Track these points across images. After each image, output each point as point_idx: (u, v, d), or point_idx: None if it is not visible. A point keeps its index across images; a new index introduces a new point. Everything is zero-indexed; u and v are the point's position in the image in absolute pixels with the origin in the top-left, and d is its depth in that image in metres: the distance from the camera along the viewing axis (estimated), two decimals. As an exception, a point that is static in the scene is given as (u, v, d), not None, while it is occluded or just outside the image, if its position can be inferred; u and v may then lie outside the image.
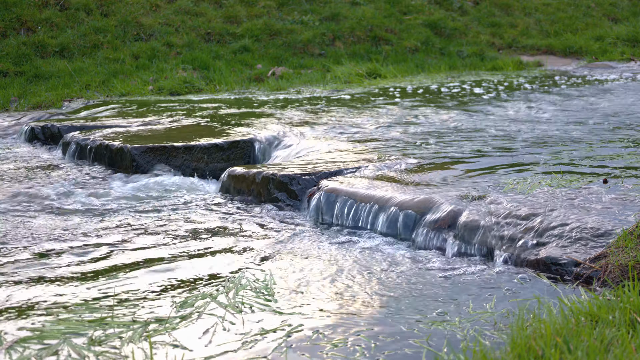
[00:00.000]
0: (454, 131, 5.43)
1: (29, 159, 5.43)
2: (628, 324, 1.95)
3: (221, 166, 4.83)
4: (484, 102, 7.15)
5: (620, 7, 14.37)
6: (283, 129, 5.38)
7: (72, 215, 3.85)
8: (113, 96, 8.34)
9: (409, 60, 10.82)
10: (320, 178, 3.95)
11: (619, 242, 2.61)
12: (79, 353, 2.11)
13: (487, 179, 3.70)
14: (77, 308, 2.47)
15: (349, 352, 2.12)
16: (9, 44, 9.44)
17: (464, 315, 2.35)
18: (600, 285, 2.48)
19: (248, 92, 8.53)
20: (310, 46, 10.85)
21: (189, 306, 2.48)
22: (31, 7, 10.14)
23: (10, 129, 6.67)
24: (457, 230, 3.08)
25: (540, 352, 1.78)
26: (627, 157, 4.06)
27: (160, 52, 9.91)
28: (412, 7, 12.67)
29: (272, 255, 3.09)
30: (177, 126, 5.82)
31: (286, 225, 3.59)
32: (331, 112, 6.51)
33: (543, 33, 12.90)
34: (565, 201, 3.16)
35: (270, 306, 2.48)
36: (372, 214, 3.43)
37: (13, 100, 8.11)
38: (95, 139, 5.25)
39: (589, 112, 6.32)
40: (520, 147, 4.62)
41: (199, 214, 3.85)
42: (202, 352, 2.14)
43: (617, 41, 12.43)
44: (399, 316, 2.38)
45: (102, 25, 10.20)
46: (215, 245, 3.27)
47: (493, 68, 10.75)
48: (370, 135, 5.29)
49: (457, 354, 1.97)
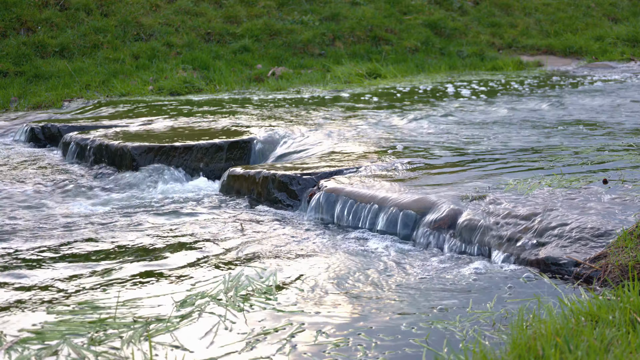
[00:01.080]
0: (455, 131, 5.43)
1: (28, 159, 5.43)
2: (628, 324, 1.95)
3: (221, 166, 4.83)
4: (481, 103, 7.15)
5: (620, 7, 14.37)
6: (283, 129, 5.38)
7: (72, 215, 3.86)
8: (113, 96, 8.33)
9: (409, 60, 10.82)
10: (320, 178, 3.95)
11: (619, 242, 2.61)
12: (79, 353, 2.11)
13: (487, 178, 3.70)
14: (77, 307, 2.47)
15: (351, 351, 2.12)
16: (9, 44, 9.44)
17: (464, 314, 2.35)
18: (600, 285, 2.48)
19: (248, 92, 8.53)
20: (310, 46, 10.85)
21: (189, 305, 2.48)
22: (31, 7, 10.14)
23: (10, 128, 6.67)
24: (457, 230, 3.08)
25: (541, 352, 1.78)
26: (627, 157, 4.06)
27: (160, 52, 9.91)
28: (412, 7, 12.67)
29: (272, 255, 3.09)
30: (177, 126, 5.82)
31: (286, 225, 3.59)
32: (331, 112, 6.51)
33: (543, 33, 12.90)
34: (565, 201, 3.16)
35: (270, 305, 2.48)
36: (372, 214, 3.43)
37: (13, 100, 8.10)
38: (95, 138, 5.25)
39: (589, 111, 6.33)
40: (519, 148, 4.63)
41: (199, 214, 3.85)
42: (203, 353, 2.14)
43: (617, 41, 12.43)
44: (399, 315, 2.38)
45: (102, 25, 10.20)
46: (215, 244, 3.27)
47: (493, 68, 10.75)
48: (370, 135, 5.29)
49: (457, 354, 1.97)
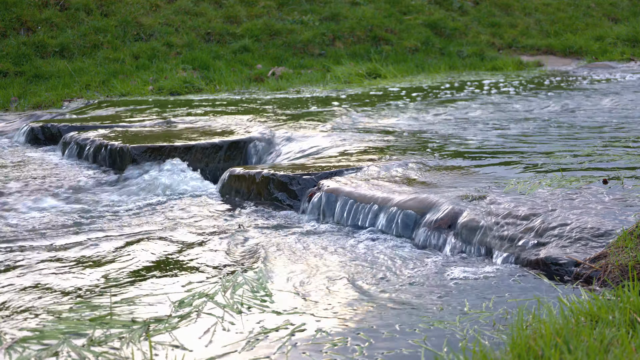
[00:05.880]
0: (456, 132, 5.43)
1: (28, 159, 5.42)
2: (628, 324, 1.94)
3: (221, 166, 4.83)
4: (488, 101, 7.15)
5: (620, 7, 14.36)
6: (283, 129, 5.38)
7: (72, 214, 3.85)
8: (113, 96, 8.34)
9: (409, 60, 10.82)
10: (320, 178, 3.95)
11: (619, 242, 2.61)
12: (79, 354, 2.11)
13: (487, 178, 3.70)
14: (77, 307, 2.47)
15: (349, 351, 2.12)
16: (9, 44, 9.44)
17: (463, 314, 2.35)
18: (600, 285, 2.48)
19: (248, 92, 8.53)
20: (310, 46, 10.85)
21: (187, 305, 2.48)
22: (31, 7, 10.14)
23: (10, 128, 6.67)
24: (457, 230, 3.08)
25: (540, 352, 1.78)
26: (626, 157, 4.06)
27: (160, 52, 9.91)
28: (412, 7, 12.67)
29: (271, 255, 3.09)
30: (176, 126, 5.82)
31: (286, 225, 3.59)
32: (331, 112, 6.51)
33: (543, 33, 12.90)
34: (565, 201, 3.16)
35: (268, 305, 2.48)
36: (372, 214, 3.43)
37: (13, 100, 8.10)
38: (95, 138, 5.25)
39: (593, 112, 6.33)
40: (525, 148, 4.62)
41: (198, 214, 3.85)
42: (202, 352, 2.14)
43: (617, 41, 12.43)
44: (398, 315, 2.38)
45: (102, 25, 10.20)
46: (214, 244, 3.27)
47: (493, 68, 10.75)
48: (370, 135, 5.29)
49: (456, 354, 1.97)
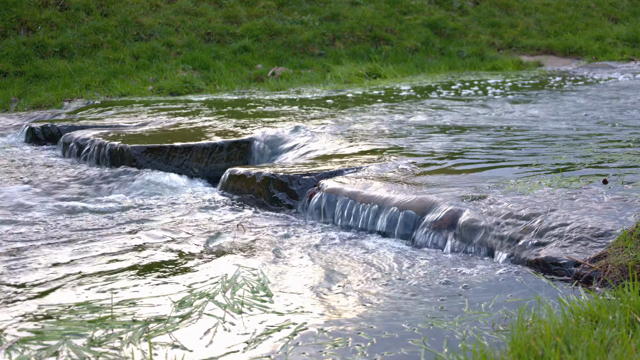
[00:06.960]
0: (456, 132, 5.43)
1: (28, 159, 5.42)
2: (628, 324, 1.94)
3: (221, 166, 4.83)
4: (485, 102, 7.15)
5: (620, 7, 14.36)
6: (283, 129, 5.38)
7: (71, 214, 3.85)
8: (113, 96, 8.33)
9: (409, 60, 10.82)
10: (321, 178, 3.95)
11: (619, 242, 2.61)
12: (79, 354, 2.11)
13: (487, 179, 3.70)
14: (77, 308, 2.47)
15: (350, 352, 2.12)
16: (9, 44, 9.44)
17: (463, 315, 2.35)
18: (600, 285, 2.48)
19: (248, 92, 8.52)
20: (310, 46, 10.85)
21: (187, 306, 2.48)
22: (31, 7, 10.14)
23: (10, 128, 6.67)
24: (457, 230, 3.08)
25: (540, 352, 1.78)
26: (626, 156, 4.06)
27: (160, 52, 9.91)
28: (412, 7, 12.66)
29: (271, 255, 3.09)
30: (176, 126, 5.82)
31: (286, 225, 3.59)
32: (331, 113, 6.51)
33: (543, 33, 12.90)
34: (565, 201, 3.16)
35: (269, 305, 2.48)
36: (372, 214, 3.43)
37: (13, 100, 8.10)
38: (94, 138, 5.25)
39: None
40: (524, 148, 4.62)
41: (198, 214, 3.85)
42: (202, 352, 2.14)
43: (617, 41, 12.43)
44: (398, 315, 2.38)
45: (102, 25, 10.19)
46: (214, 244, 3.27)
47: (493, 68, 10.75)
48: (370, 135, 5.29)
49: (456, 354, 1.97)
